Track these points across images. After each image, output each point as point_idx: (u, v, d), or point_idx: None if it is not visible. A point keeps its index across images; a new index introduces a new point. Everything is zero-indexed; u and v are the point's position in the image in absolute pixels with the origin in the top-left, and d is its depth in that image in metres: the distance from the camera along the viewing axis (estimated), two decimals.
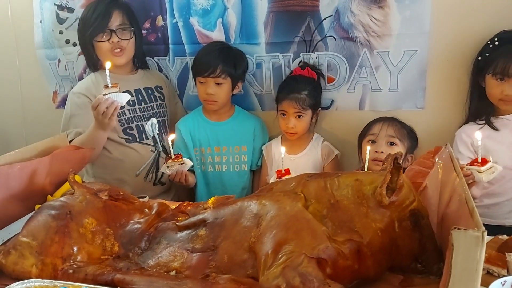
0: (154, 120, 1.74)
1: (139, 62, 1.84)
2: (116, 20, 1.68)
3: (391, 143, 1.57)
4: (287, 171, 1.37)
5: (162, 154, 1.81)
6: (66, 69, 2.08)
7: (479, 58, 1.50)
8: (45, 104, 2.17)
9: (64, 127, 1.71)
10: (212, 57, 1.69)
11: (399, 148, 1.56)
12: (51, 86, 2.15)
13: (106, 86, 1.38)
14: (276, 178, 1.40)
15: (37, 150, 1.35)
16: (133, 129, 1.74)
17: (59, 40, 2.06)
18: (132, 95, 1.75)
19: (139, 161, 1.75)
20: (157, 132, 1.75)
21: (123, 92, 1.42)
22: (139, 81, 1.81)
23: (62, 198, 1.11)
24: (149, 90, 1.81)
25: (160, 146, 1.79)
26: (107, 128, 1.48)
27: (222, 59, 1.68)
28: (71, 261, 0.99)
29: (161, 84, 1.87)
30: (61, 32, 2.04)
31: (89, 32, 1.67)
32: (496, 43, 1.46)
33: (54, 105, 2.16)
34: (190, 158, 1.80)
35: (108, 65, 1.42)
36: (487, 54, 1.47)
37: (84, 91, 1.71)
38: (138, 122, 1.75)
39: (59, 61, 2.08)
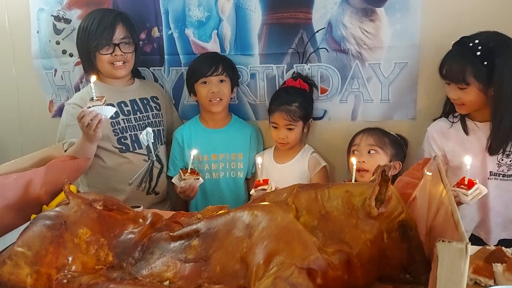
0: (149, 129, 1.76)
1: (134, 72, 1.87)
2: (120, 33, 1.72)
3: (372, 151, 1.59)
4: (265, 181, 1.40)
5: (156, 164, 1.82)
6: (62, 78, 2.10)
7: None
8: (41, 113, 2.19)
9: (60, 136, 1.73)
10: (211, 59, 1.78)
11: (380, 155, 1.58)
12: (48, 95, 2.17)
13: (92, 99, 1.42)
14: (254, 188, 1.43)
15: (33, 160, 1.37)
16: (127, 139, 1.76)
17: (55, 51, 2.08)
18: (127, 105, 1.78)
19: (132, 171, 1.77)
20: (152, 141, 1.77)
21: (108, 104, 1.45)
22: (135, 92, 1.83)
23: (57, 209, 1.12)
24: (144, 100, 1.84)
25: (154, 155, 1.80)
26: (93, 140, 1.51)
27: (221, 60, 1.77)
28: (66, 271, 1.00)
29: (157, 95, 1.89)
30: (57, 43, 2.07)
31: (94, 44, 1.70)
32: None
33: (50, 114, 2.18)
34: (185, 166, 1.81)
35: (93, 79, 1.47)
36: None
37: (79, 102, 1.74)
38: (132, 131, 1.77)
39: (55, 70, 2.11)
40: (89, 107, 1.41)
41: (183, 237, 1.09)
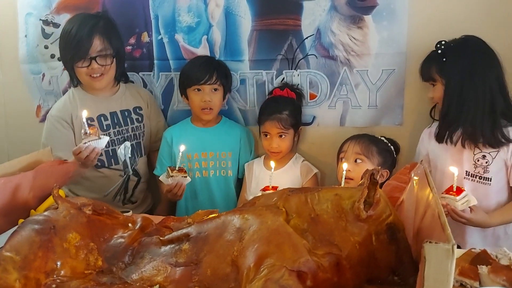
0: (127, 143, 1.75)
1: (119, 77, 1.81)
2: (96, 46, 1.64)
3: (358, 161, 1.60)
4: (274, 188, 1.40)
5: (132, 178, 1.82)
6: (50, 83, 2.09)
7: None
8: (29, 118, 2.17)
9: (43, 147, 1.71)
10: (206, 66, 1.76)
11: (366, 164, 1.58)
12: (35, 100, 2.15)
13: (85, 133, 1.42)
14: (262, 191, 1.43)
15: (21, 165, 1.35)
16: (102, 155, 1.72)
17: (43, 55, 2.07)
18: (107, 119, 1.76)
19: (107, 185, 1.78)
20: (129, 156, 1.77)
21: (101, 136, 1.45)
22: (117, 102, 1.79)
23: (46, 213, 1.11)
24: (126, 112, 1.81)
25: (130, 170, 1.80)
26: (88, 167, 1.56)
27: (215, 68, 1.76)
28: (55, 276, 0.99)
29: (141, 104, 1.85)
30: (46, 47, 2.06)
31: (70, 56, 1.65)
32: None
33: (38, 119, 2.16)
34: (174, 165, 1.81)
35: (84, 113, 1.45)
36: None
37: (61, 114, 1.73)
38: (110, 147, 1.75)
39: (43, 75, 2.09)
40: (85, 143, 1.42)
41: (174, 241, 1.09)
